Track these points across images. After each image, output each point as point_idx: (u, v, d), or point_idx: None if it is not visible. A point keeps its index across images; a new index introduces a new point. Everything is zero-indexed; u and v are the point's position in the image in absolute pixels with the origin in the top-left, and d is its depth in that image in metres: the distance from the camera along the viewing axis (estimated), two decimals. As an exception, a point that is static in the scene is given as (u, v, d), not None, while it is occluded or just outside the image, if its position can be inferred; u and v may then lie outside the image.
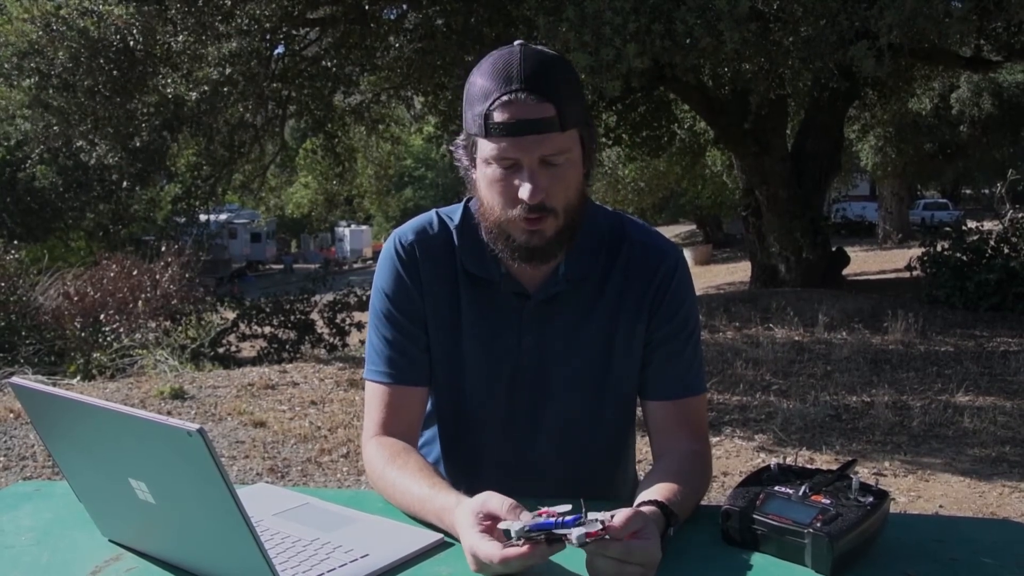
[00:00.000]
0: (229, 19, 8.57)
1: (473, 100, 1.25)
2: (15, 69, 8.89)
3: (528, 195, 1.21)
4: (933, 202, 30.68)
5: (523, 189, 1.21)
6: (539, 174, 1.21)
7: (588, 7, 5.83)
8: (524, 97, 1.19)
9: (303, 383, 6.38)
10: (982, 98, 16.27)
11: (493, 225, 1.28)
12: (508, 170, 1.23)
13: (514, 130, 1.20)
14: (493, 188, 1.25)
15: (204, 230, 12.99)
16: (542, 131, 1.20)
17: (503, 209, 1.25)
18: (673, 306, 1.36)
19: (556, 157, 1.22)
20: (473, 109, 1.24)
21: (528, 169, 1.21)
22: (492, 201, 1.26)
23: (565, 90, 1.23)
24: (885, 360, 6.85)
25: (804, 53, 6.48)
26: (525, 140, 1.20)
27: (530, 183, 1.21)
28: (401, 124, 14.92)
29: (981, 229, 9.92)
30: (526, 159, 1.21)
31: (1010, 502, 4.02)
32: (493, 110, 1.20)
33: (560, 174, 1.23)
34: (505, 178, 1.23)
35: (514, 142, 1.20)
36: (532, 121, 1.19)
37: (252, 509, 0.99)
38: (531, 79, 1.20)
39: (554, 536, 0.95)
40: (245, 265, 36.97)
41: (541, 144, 1.20)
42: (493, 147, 1.22)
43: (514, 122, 1.19)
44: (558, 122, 1.20)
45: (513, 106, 1.19)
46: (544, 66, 1.22)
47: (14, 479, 4.24)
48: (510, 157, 1.21)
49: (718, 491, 4.21)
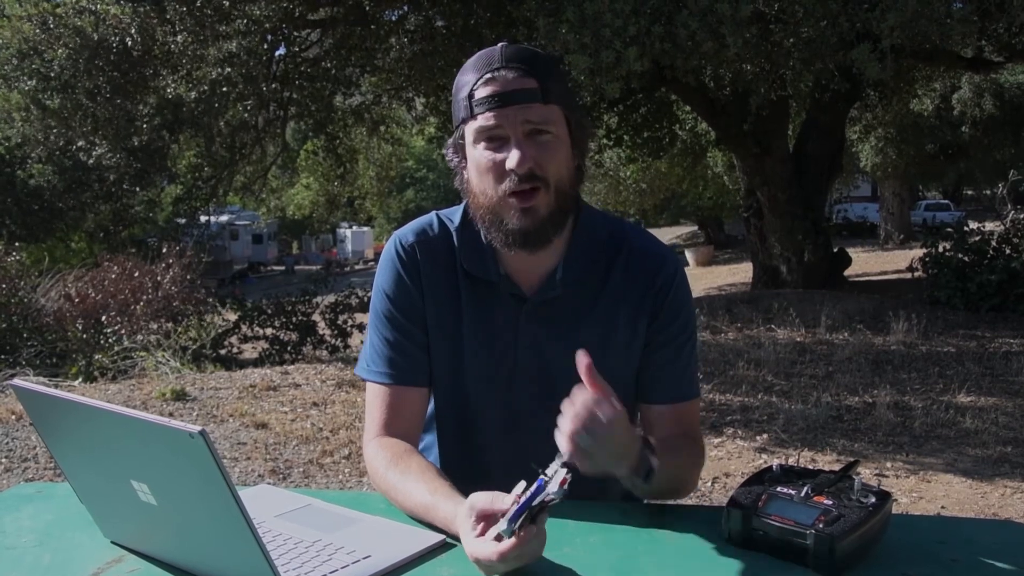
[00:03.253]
0: (228, 20, 8.57)
1: (458, 91, 1.29)
2: (15, 71, 8.88)
3: (516, 162, 1.23)
4: (935, 203, 30.69)
5: (511, 157, 1.23)
6: (525, 143, 1.24)
7: (588, 9, 5.82)
8: (505, 72, 1.24)
9: (305, 384, 6.38)
10: (983, 99, 16.25)
11: (486, 212, 1.29)
12: (495, 148, 1.25)
13: (497, 101, 1.23)
14: (482, 168, 1.27)
15: (205, 231, 13.00)
16: (524, 101, 1.23)
17: (494, 187, 1.27)
18: (672, 312, 1.37)
19: (542, 127, 1.25)
20: (458, 98, 1.28)
21: (515, 138, 1.24)
22: (483, 184, 1.28)
23: (546, 69, 1.27)
24: (887, 361, 6.85)
25: (805, 54, 6.48)
26: (508, 110, 1.23)
27: (517, 149, 1.23)
28: (402, 125, 14.90)
29: (983, 230, 9.91)
30: (511, 129, 1.24)
31: (1012, 503, 4.02)
32: (476, 89, 1.25)
33: (548, 146, 1.26)
34: (493, 156, 1.25)
35: (498, 114, 1.23)
36: (514, 92, 1.23)
37: (254, 510, 0.99)
38: (512, 58, 1.25)
39: (535, 509, 0.99)
40: (247, 267, 37.01)
41: (525, 112, 1.23)
42: (478, 123, 1.25)
43: (497, 94, 1.23)
44: (540, 94, 1.24)
45: (495, 81, 1.24)
46: (525, 50, 1.28)
47: (16, 481, 4.24)
48: (494, 128, 1.24)
49: (720, 492, 4.21)
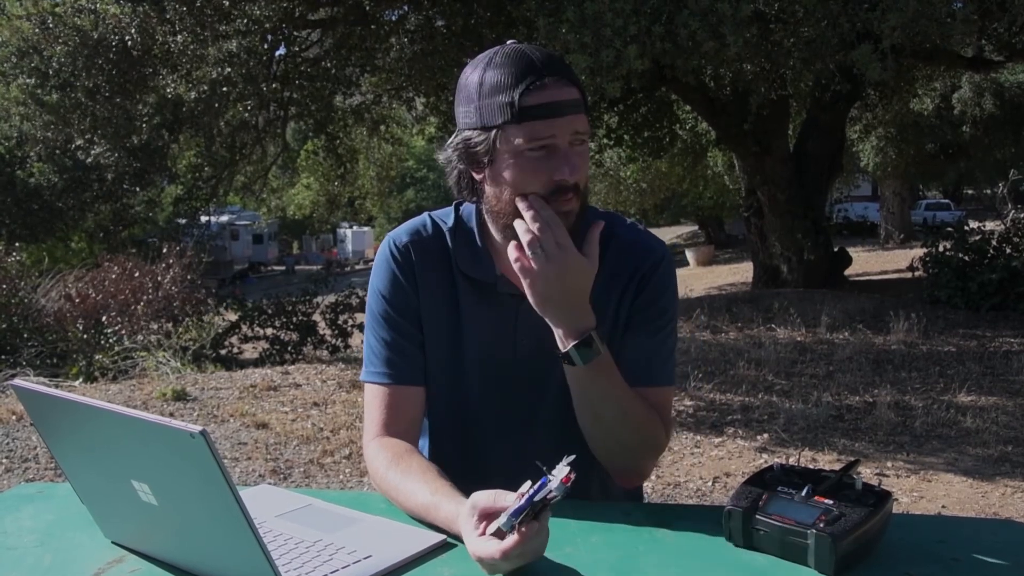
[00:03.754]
0: (228, 19, 8.56)
1: (489, 91, 1.25)
2: (14, 69, 8.88)
3: (571, 173, 1.25)
4: (935, 202, 30.67)
5: (564, 169, 1.24)
6: (572, 154, 1.26)
7: (589, 8, 5.82)
8: (549, 80, 1.24)
9: (305, 384, 6.38)
10: (984, 98, 16.24)
11: (513, 216, 1.27)
12: (540, 154, 1.25)
13: (552, 111, 1.24)
14: (526, 174, 1.26)
15: (205, 231, 12.99)
16: (574, 112, 1.25)
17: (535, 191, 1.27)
18: (651, 295, 1.38)
19: (581, 136, 1.27)
20: (494, 99, 1.25)
21: (564, 150, 1.25)
22: (525, 187, 1.26)
23: (576, 77, 1.29)
24: (887, 360, 6.85)
25: (805, 54, 6.48)
26: (562, 120, 1.24)
27: (571, 162, 1.25)
28: (402, 125, 14.90)
29: (983, 229, 9.90)
30: (562, 139, 1.25)
31: (1013, 502, 4.02)
32: (524, 95, 1.23)
33: (584, 154, 1.29)
34: (538, 162, 1.25)
35: (551, 123, 1.24)
36: (565, 102, 1.24)
37: (255, 510, 0.99)
38: (552, 66, 1.26)
39: (538, 506, 0.98)
40: (247, 267, 37.02)
41: (575, 123, 1.25)
42: (528, 131, 1.24)
43: (552, 103, 1.24)
44: (582, 104, 1.27)
45: (547, 89, 1.24)
46: (554, 56, 1.29)
47: (17, 481, 4.24)
48: (546, 138, 1.24)
49: (720, 491, 4.21)
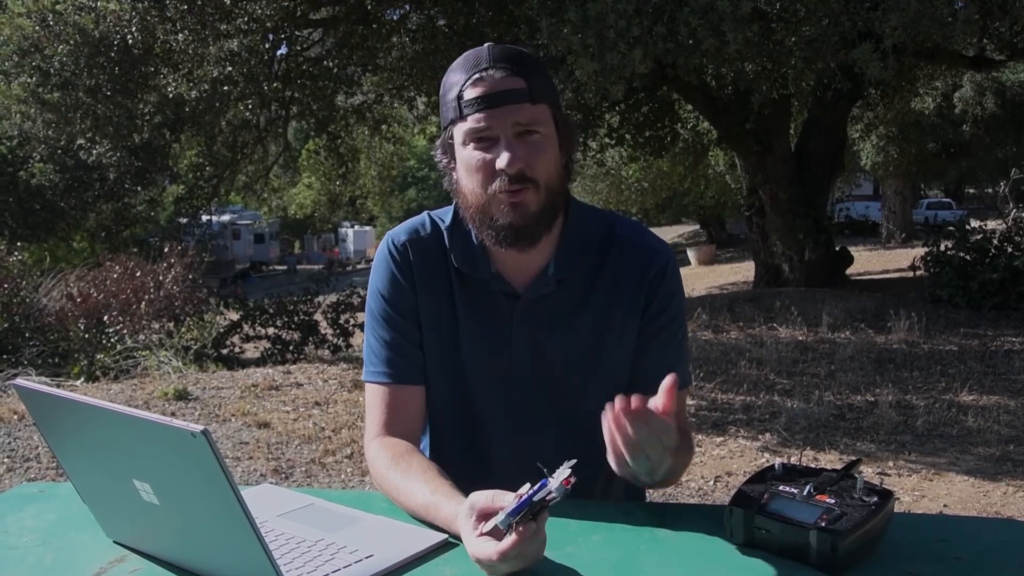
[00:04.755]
0: (229, 18, 8.55)
1: (446, 92, 1.29)
2: (15, 67, 8.87)
3: (506, 162, 1.24)
4: (936, 201, 30.60)
5: (501, 158, 1.24)
6: (515, 144, 1.25)
7: (591, 9, 5.81)
8: (493, 73, 1.24)
9: (307, 384, 6.38)
10: (985, 97, 16.20)
11: (476, 211, 1.30)
12: (485, 148, 1.26)
13: (487, 103, 1.24)
14: (472, 168, 1.27)
15: (206, 230, 12.99)
16: (514, 101, 1.24)
17: (484, 187, 1.27)
18: (664, 302, 1.38)
19: (531, 127, 1.26)
20: (447, 98, 1.29)
21: (504, 139, 1.24)
22: (473, 184, 1.28)
23: (532, 68, 1.28)
24: (889, 359, 6.84)
25: (806, 53, 6.47)
26: (498, 111, 1.24)
27: (507, 151, 1.24)
28: (404, 124, 14.88)
29: (985, 228, 9.89)
30: (501, 130, 1.24)
31: (1014, 501, 4.01)
32: (464, 90, 1.25)
33: (537, 146, 1.26)
34: (483, 156, 1.26)
35: (488, 114, 1.24)
36: (503, 92, 1.24)
37: (256, 510, 0.99)
38: (499, 58, 1.26)
39: (536, 506, 0.98)
40: (248, 266, 37.00)
41: (514, 113, 1.24)
42: (468, 125, 1.26)
43: (486, 95, 1.24)
44: (528, 93, 1.25)
45: (484, 82, 1.24)
46: (511, 50, 1.28)
47: (18, 481, 4.25)
48: (484, 129, 1.25)
49: (722, 490, 4.21)
